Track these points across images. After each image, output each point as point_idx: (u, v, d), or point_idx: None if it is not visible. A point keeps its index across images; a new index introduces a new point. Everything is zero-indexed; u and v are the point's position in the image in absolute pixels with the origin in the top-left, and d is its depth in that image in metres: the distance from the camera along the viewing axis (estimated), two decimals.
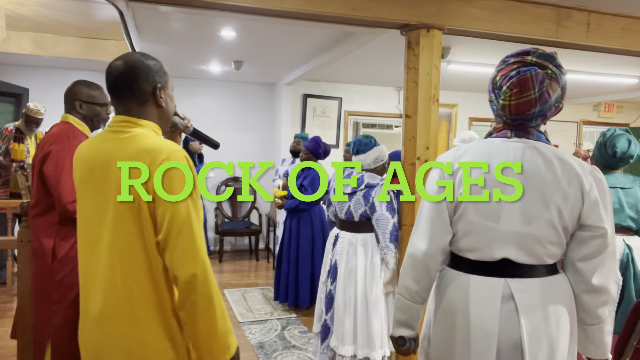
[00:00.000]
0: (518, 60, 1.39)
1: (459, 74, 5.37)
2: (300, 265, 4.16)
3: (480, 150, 1.45)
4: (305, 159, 4.25)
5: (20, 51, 3.89)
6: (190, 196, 1.25)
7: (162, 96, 1.38)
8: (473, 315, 1.38)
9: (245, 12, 2.37)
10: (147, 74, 1.35)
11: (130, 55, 1.37)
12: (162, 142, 1.30)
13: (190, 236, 1.23)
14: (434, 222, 1.46)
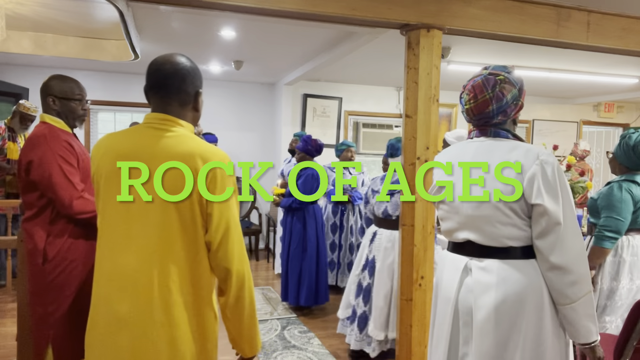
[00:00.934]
0: (475, 75, 1.72)
1: (459, 74, 5.36)
2: (290, 263, 4.14)
3: (443, 155, 1.77)
4: (300, 159, 4.27)
5: (20, 51, 3.88)
6: (235, 197, 1.36)
7: (200, 100, 1.43)
8: (442, 284, 1.68)
9: (245, 12, 2.37)
10: (193, 78, 1.39)
11: (178, 56, 1.40)
12: (210, 146, 1.37)
13: (239, 235, 1.34)
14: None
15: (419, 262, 2.55)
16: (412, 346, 2.57)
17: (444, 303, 1.65)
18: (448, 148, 1.80)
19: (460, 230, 1.64)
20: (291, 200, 4.10)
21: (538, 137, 7.25)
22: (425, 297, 2.58)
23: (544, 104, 7.27)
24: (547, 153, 1.54)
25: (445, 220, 1.72)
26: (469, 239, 1.61)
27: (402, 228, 2.61)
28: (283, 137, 6.09)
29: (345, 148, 4.79)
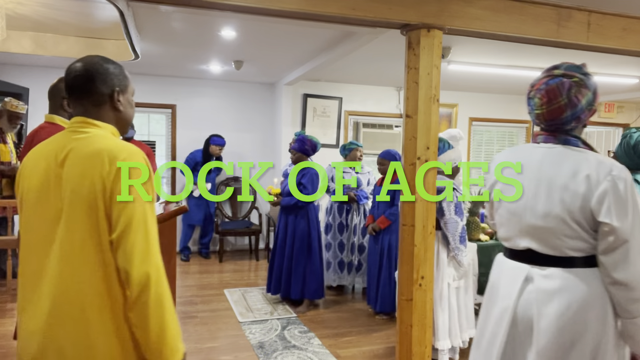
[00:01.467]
0: (547, 75, 1.62)
1: (459, 74, 5.37)
2: (295, 259, 4.21)
3: (511, 154, 1.72)
4: (296, 159, 4.30)
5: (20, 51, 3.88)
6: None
7: (119, 100, 1.39)
8: (500, 291, 1.64)
9: (245, 12, 2.37)
10: (105, 77, 1.36)
11: (90, 57, 1.39)
12: (121, 143, 1.32)
13: (145, 236, 1.24)
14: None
15: (419, 262, 2.55)
16: (412, 346, 2.58)
17: (501, 310, 1.62)
18: (510, 150, 1.75)
19: (520, 237, 1.60)
20: (295, 199, 4.14)
21: None
22: (425, 297, 2.58)
23: None
24: (619, 167, 1.49)
25: (503, 226, 1.68)
26: (530, 247, 1.58)
27: (402, 228, 2.61)
28: (283, 137, 6.09)
29: (355, 148, 4.81)
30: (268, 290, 4.44)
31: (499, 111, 7.10)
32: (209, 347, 3.44)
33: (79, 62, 1.37)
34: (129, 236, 1.23)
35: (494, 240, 3.64)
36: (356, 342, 3.60)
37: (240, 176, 6.57)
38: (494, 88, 6.53)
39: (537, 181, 1.57)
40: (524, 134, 7.33)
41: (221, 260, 6.00)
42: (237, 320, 3.98)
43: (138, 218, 1.24)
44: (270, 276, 4.41)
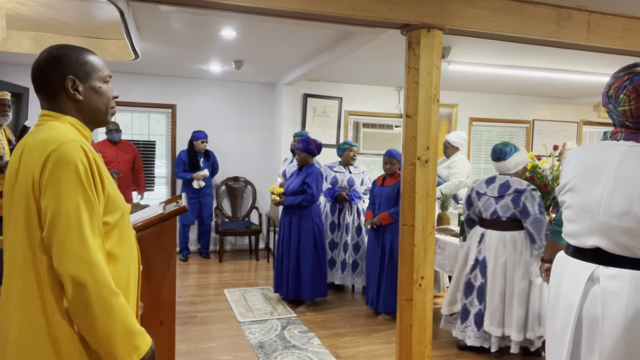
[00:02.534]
0: (627, 73, 1.61)
1: (459, 74, 5.37)
2: (302, 260, 4.21)
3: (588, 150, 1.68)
4: (302, 159, 4.30)
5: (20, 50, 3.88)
6: (82, 192, 1.16)
7: (77, 89, 1.29)
8: (563, 290, 1.66)
9: (245, 12, 2.37)
10: (55, 66, 1.27)
11: (48, 48, 1.31)
12: (58, 133, 1.21)
13: (79, 234, 1.14)
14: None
15: (419, 262, 2.55)
16: (412, 346, 2.57)
17: (566, 309, 1.63)
18: (587, 146, 1.70)
19: (589, 235, 1.59)
20: (300, 198, 4.15)
21: (538, 137, 7.25)
22: (425, 297, 2.58)
23: (544, 104, 7.27)
24: None
25: (572, 222, 1.66)
26: (598, 246, 1.57)
27: (402, 228, 2.61)
28: (283, 137, 6.09)
29: (348, 147, 4.81)
30: (276, 290, 4.44)
31: (499, 111, 7.10)
32: (209, 347, 3.44)
33: (40, 53, 1.31)
34: (60, 234, 1.13)
35: None
36: (356, 342, 3.61)
37: (240, 176, 6.57)
38: (494, 88, 6.53)
39: (615, 179, 1.55)
40: (524, 133, 7.33)
41: (221, 260, 6.00)
42: (237, 320, 3.98)
43: (67, 214, 1.14)
44: (279, 277, 4.38)
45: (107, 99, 1.37)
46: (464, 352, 3.47)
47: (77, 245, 1.14)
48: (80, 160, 1.17)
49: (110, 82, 1.41)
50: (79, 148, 1.18)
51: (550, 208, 4.05)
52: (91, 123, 1.36)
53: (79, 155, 1.17)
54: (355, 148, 4.84)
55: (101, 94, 1.35)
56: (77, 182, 1.16)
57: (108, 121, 1.42)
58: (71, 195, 1.15)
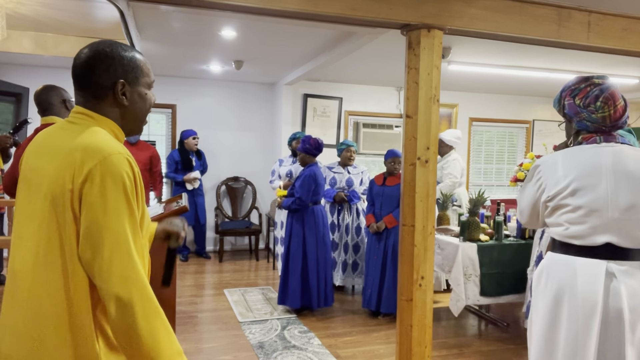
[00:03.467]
0: (588, 84, 1.77)
1: (459, 74, 5.37)
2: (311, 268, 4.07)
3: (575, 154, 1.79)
4: (301, 159, 4.26)
5: (20, 50, 3.89)
6: (128, 208, 1.11)
7: (125, 93, 1.22)
8: (580, 290, 1.67)
9: (246, 12, 2.37)
10: (108, 67, 1.20)
11: (97, 43, 1.23)
12: (105, 141, 1.14)
13: (126, 253, 1.09)
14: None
15: (419, 262, 2.55)
16: (412, 346, 2.57)
17: (588, 306, 1.65)
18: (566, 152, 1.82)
19: (599, 233, 1.67)
20: (291, 200, 4.11)
21: (538, 137, 7.25)
22: (425, 297, 2.58)
23: (544, 104, 7.27)
24: None
25: (576, 224, 1.71)
26: (609, 241, 1.66)
27: (402, 228, 2.61)
28: (283, 137, 6.09)
29: (345, 147, 4.79)
30: (281, 302, 4.16)
31: (499, 111, 7.10)
32: (209, 347, 3.44)
33: (86, 48, 1.22)
34: (102, 253, 1.08)
35: (493, 240, 3.65)
36: (356, 342, 3.61)
37: (239, 176, 6.57)
38: (494, 88, 6.53)
39: (615, 176, 1.68)
40: (524, 134, 7.33)
41: (221, 260, 6.00)
42: (237, 320, 3.98)
43: (115, 233, 1.09)
44: (284, 286, 4.13)
45: (149, 105, 1.31)
46: (464, 352, 3.47)
47: (124, 265, 1.09)
48: (127, 175, 1.11)
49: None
50: (126, 162, 1.12)
51: None
52: (128, 129, 1.29)
53: (125, 169, 1.12)
54: (353, 148, 4.81)
55: (145, 100, 1.29)
56: (124, 198, 1.10)
57: (142, 130, 1.35)
58: (119, 213, 1.09)
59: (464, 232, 3.60)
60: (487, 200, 4.02)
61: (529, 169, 3.98)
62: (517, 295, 3.63)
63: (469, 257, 3.50)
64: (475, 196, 3.72)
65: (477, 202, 3.68)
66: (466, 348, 3.54)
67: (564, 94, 1.85)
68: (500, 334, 3.86)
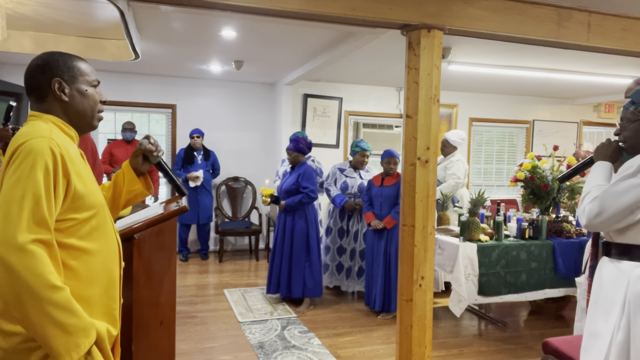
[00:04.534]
0: None
1: (459, 74, 5.36)
2: (295, 258, 4.24)
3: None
4: (293, 159, 4.34)
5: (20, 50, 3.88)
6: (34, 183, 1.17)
7: (63, 90, 1.36)
8: None
9: (246, 12, 2.37)
10: (43, 69, 1.35)
11: (40, 54, 1.39)
12: (32, 129, 1.26)
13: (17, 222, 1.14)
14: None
15: (419, 262, 2.55)
16: (412, 346, 2.58)
17: None
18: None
19: None
20: (300, 196, 4.17)
21: (538, 137, 7.25)
22: (425, 297, 2.58)
23: (544, 104, 7.27)
24: None
25: None
26: None
27: (402, 228, 2.61)
28: (283, 137, 6.09)
29: (360, 151, 4.57)
30: (268, 290, 4.43)
31: (499, 111, 7.10)
32: (209, 347, 3.44)
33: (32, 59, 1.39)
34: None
35: (493, 240, 3.65)
36: (356, 342, 3.61)
37: (239, 176, 6.57)
38: (494, 88, 6.53)
39: None
40: (524, 134, 7.33)
41: (221, 260, 6.00)
42: (237, 320, 3.98)
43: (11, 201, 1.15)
44: (270, 276, 4.41)
45: (93, 102, 1.43)
46: (463, 352, 3.47)
47: (11, 233, 1.13)
48: (41, 155, 1.19)
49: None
50: (45, 144, 1.21)
51: (550, 208, 4.06)
52: (78, 125, 1.41)
53: (43, 150, 1.20)
54: (368, 153, 4.59)
55: (87, 96, 1.41)
56: (31, 173, 1.17)
57: (94, 125, 1.47)
58: (21, 184, 1.16)
59: (464, 232, 3.60)
60: (487, 201, 4.02)
61: (529, 169, 3.98)
62: (516, 295, 3.64)
63: (468, 257, 3.51)
64: (475, 196, 3.72)
65: (477, 202, 3.68)
66: (466, 348, 3.54)
67: None
68: (500, 334, 3.86)
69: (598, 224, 1.76)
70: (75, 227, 1.29)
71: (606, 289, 1.79)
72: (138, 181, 1.63)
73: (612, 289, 1.76)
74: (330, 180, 4.70)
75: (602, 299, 1.80)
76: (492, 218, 3.94)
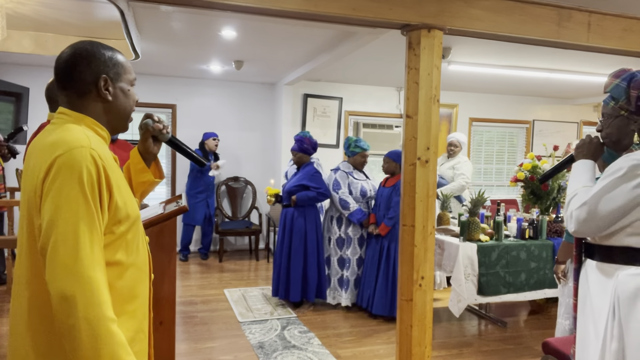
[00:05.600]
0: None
1: (459, 74, 5.37)
2: (292, 260, 4.23)
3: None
4: (298, 159, 4.33)
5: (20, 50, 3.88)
6: (83, 202, 1.07)
7: (108, 89, 1.24)
8: None
9: (246, 12, 2.37)
10: (89, 63, 1.21)
11: (79, 42, 1.25)
12: (70, 136, 1.13)
13: (73, 248, 1.04)
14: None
15: (419, 262, 2.55)
16: (412, 346, 2.57)
17: None
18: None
19: None
20: (313, 193, 4.16)
21: (538, 137, 7.25)
22: (425, 298, 2.58)
23: (544, 104, 7.27)
24: None
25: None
26: None
27: (402, 228, 2.61)
28: (283, 137, 6.10)
29: (360, 152, 4.30)
30: (274, 294, 4.35)
31: (499, 111, 7.10)
32: (209, 347, 3.44)
33: (68, 48, 1.24)
34: (50, 244, 1.04)
35: (493, 240, 3.65)
36: (356, 342, 3.61)
37: (240, 176, 6.57)
38: (494, 88, 6.53)
39: None
40: (524, 134, 7.33)
41: (221, 260, 6.00)
42: (237, 320, 3.98)
43: (65, 224, 1.05)
44: (275, 279, 4.36)
45: (132, 102, 1.35)
46: (463, 352, 3.47)
47: (70, 259, 1.03)
48: (86, 169, 1.09)
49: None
50: (87, 155, 1.10)
51: (550, 208, 4.06)
52: (113, 127, 1.31)
53: (86, 163, 1.09)
54: (367, 152, 4.35)
55: (128, 96, 1.33)
56: (78, 191, 1.07)
57: (127, 127, 1.37)
58: (71, 205, 1.06)
59: (464, 232, 3.60)
60: (487, 201, 4.02)
61: (529, 169, 3.98)
62: (516, 295, 3.64)
63: (468, 257, 3.51)
64: (475, 196, 3.72)
65: (477, 202, 3.68)
66: (466, 348, 3.54)
67: (638, 84, 1.68)
68: (500, 334, 3.86)
69: (587, 230, 1.69)
70: (116, 242, 1.18)
71: (593, 294, 1.74)
72: (148, 171, 1.50)
73: (600, 295, 1.71)
74: (345, 189, 4.24)
75: (589, 305, 1.76)
76: (492, 218, 3.94)
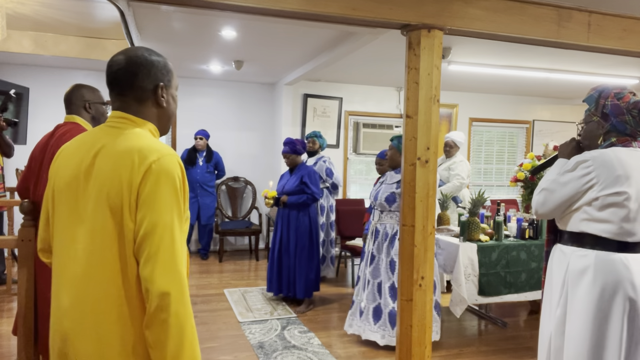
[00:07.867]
0: (629, 92, 1.94)
1: (459, 74, 5.37)
2: (298, 258, 4.27)
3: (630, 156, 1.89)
4: (291, 161, 4.37)
5: (20, 50, 3.89)
6: (177, 206, 1.17)
7: (163, 95, 1.31)
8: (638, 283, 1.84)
9: (246, 12, 2.37)
10: (149, 71, 1.27)
11: (133, 49, 1.29)
12: (155, 143, 1.22)
13: (170, 249, 1.14)
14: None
15: (419, 262, 2.55)
16: (412, 346, 2.57)
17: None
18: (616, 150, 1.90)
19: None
20: (304, 197, 4.22)
21: (538, 137, 7.25)
22: (425, 298, 2.58)
23: (544, 104, 7.27)
24: None
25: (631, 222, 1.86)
26: None
27: (402, 228, 2.61)
28: (283, 137, 6.08)
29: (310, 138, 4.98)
30: (269, 289, 4.45)
31: (499, 111, 7.10)
32: (209, 347, 3.44)
33: (122, 54, 1.28)
34: (152, 246, 1.12)
35: (493, 240, 3.65)
36: (356, 342, 3.61)
37: (239, 176, 6.57)
38: (494, 88, 6.53)
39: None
40: (524, 134, 7.33)
41: (221, 260, 6.00)
42: (237, 320, 3.98)
43: (164, 227, 1.14)
44: (271, 276, 4.42)
45: (176, 107, 1.40)
46: (463, 352, 3.47)
47: (169, 259, 1.13)
48: (177, 175, 1.19)
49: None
50: (176, 162, 1.20)
51: None
52: (162, 130, 1.37)
53: (177, 169, 1.19)
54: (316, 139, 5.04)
55: (176, 102, 1.39)
56: (174, 196, 1.17)
57: (168, 131, 1.45)
58: (170, 209, 1.16)
59: (464, 232, 3.60)
60: (487, 201, 4.02)
61: (529, 169, 3.98)
62: (516, 295, 3.64)
63: (468, 257, 3.51)
64: (475, 196, 3.72)
65: (477, 202, 3.68)
66: (466, 348, 3.54)
67: (605, 95, 1.95)
68: (501, 334, 3.86)
69: (544, 212, 2.04)
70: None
71: (554, 271, 2.03)
72: None
73: (558, 272, 2.00)
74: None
75: (549, 281, 2.06)
76: (492, 218, 3.94)
